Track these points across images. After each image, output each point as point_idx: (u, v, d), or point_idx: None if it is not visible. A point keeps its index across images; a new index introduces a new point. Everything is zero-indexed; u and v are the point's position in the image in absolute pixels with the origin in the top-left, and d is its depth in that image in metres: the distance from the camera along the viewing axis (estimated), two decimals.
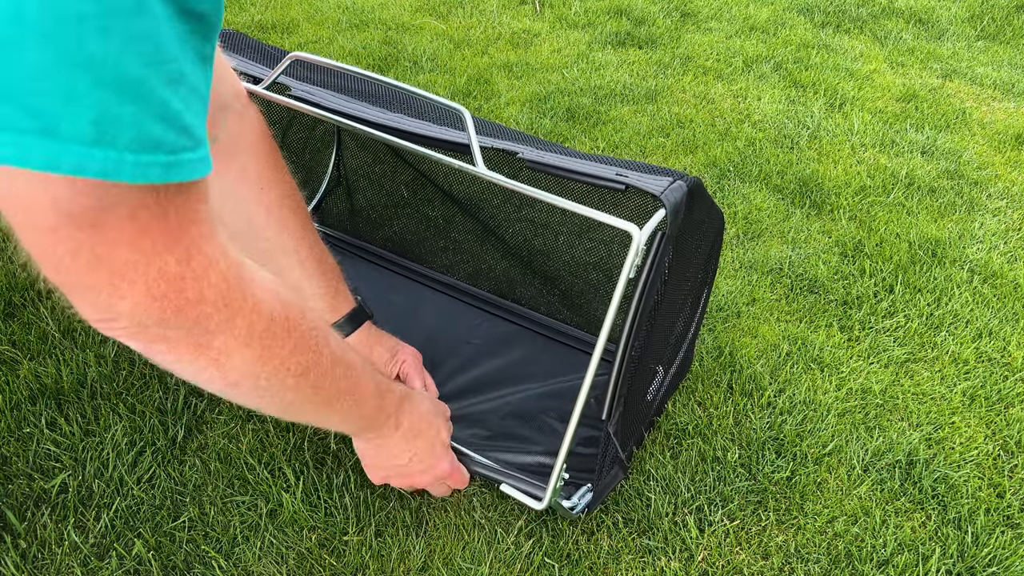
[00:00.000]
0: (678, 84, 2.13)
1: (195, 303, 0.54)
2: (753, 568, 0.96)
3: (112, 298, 0.50)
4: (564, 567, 0.94)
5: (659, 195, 0.79)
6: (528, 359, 1.19)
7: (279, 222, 0.92)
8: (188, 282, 0.52)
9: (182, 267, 0.52)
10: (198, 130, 0.46)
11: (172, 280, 0.52)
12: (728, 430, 1.11)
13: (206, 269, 0.53)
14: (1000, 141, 1.93)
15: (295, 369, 0.65)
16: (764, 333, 1.29)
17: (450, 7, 2.55)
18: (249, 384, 0.62)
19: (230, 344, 0.58)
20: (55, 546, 0.93)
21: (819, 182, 1.70)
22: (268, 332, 0.60)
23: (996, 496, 1.06)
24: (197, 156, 0.46)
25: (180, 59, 0.44)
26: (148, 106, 0.42)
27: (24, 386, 1.10)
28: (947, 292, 1.40)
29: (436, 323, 1.25)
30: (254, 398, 0.65)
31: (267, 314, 0.60)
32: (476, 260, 1.29)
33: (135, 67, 0.40)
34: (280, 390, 0.65)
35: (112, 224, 0.47)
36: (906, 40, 2.48)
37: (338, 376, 0.71)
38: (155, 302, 0.52)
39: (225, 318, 0.56)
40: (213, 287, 0.54)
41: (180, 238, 0.51)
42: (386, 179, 1.33)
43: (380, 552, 0.95)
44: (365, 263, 1.36)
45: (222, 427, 1.08)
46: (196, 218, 0.52)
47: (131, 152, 0.42)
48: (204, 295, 0.54)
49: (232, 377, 0.61)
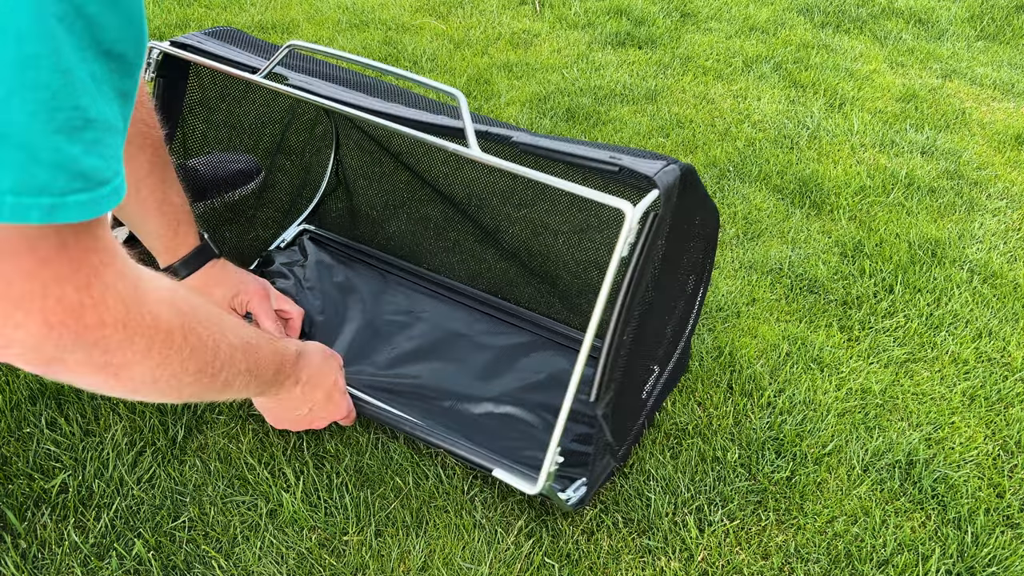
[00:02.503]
0: (678, 84, 2.13)
1: (94, 328, 0.54)
2: (753, 568, 0.96)
3: (6, 327, 0.51)
4: (564, 567, 0.94)
5: (652, 176, 0.80)
6: (526, 358, 1.20)
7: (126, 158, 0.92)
8: (87, 309, 0.53)
9: (81, 295, 0.52)
10: (102, 171, 0.47)
11: (71, 308, 0.52)
12: (728, 430, 1.11)
13: (104, 295, 0.54)
14: (1000, 141, 1.93)
15: (193, 368, 0.67)
16: (764, 333, 1.29)
17: (450, 7, 2.55)
18: (148, 388, 0.65)
19: (129, 359, 0.59)
20: (55, 546, 0.93)
21: (819, 182, 1.70)
22: (166, 343, 0.62)
23: (996, 496, 1.06)
24: (91, 196, 0.47)
25: (88, 102, 0.45)
26: (33, 153, 0.43)
27: (24, 386, 1.11)
28: (947, 292, 1.40)
29: (437, 323, 1.25)
30: (153, 397, 0.68)
31: (164, 327, 0.62)
32: (475, 261, 1.29)
33: (20, 117, 0.42)
34: (179, 387, 0.68)
35: (8, 257, 0.48)
36: (906, 40, 2.48)
37: (236, 360, 0.74)
38: (52, 330, 0.52)
39: (124, 338, 0.57)
40: (112, 311, 0.55)
41: (79, 267, 0.52)
42: (385, 180, 1.33)
43: (380, 552, 0.95)
44: (364, 265, 1.36)
45: (222, 427, 1.08)
46: (95, 246, 0.53)
47: (12, 195, 0.43)
48: (103, 319, 0.55)
49: (132, 386, 0.63)
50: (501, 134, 0.89)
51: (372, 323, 1.24)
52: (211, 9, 2.46)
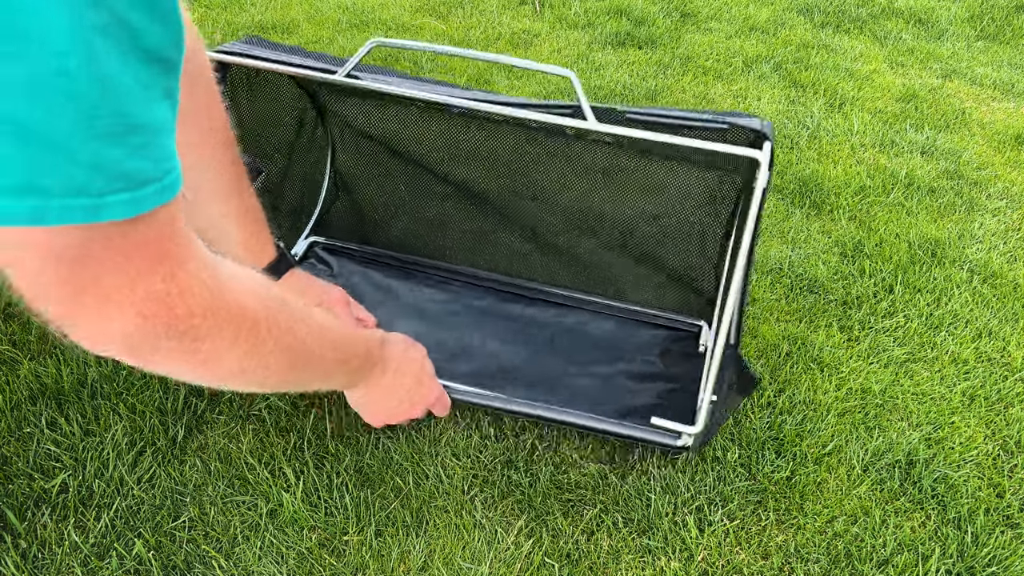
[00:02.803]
0: (678, 84, 2.13)
1: (184, 317, 0.58)
2: (753, 568, 0.96)
3: (102, 321, 0.54)
4: (564, 567, 0.94)
5: (760, 129, 0.91)
6: (582, 330, 1.25)
7: (219, 165, 0.93)
8: (175, 298, 0.56)
9: (167, 285, 0.55)
10: (147, 171, 0.50)
11: (160, 299, 0.55)
12: (728, 430, 1.11)
13: (190, 283, 0.57)
14: (1000, 141, 1.93)
15: (280, 357, 0.69)
16: (764, 333, 1.29)
17: (450, 7, 2.55)
18: (238, 378, 0.68)
19: (219, 347, 0.62)
20: (55, 546, 0.93)
21: (819, 182, 1.70)
22: (252, 331, 0.65)
23: (996, 496, 1.06)
24: (133, 196, 0.50)
25: (132, 108, 0.48)
26: (72, 158, 0.46)
27: (24, 386, 1.11)
28: (947, 292, 1.40)
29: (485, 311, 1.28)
30: (243, 386, 0.71)
31: (250, 315, 0.64)
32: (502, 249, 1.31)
33: (62, 125, 0.45)
34: (266, 376, 0.70)
35: (93, 256, 0.51)
36: (906, 40, 2.48)
37: (323, 348, 0.76)
38: (146, 320, 0.55)
39: (212, 325, 0.60)
40: (198, 299, 0.58)
41: (162, 259, 0.55)
42: (393, 179, 1.32)
43: (380, 552, 0.95)
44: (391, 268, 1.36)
45: (222, 427, 1.08)
46: (174, 238, 0.56)
47: (58, 198, 0.46)
48: (192, 308, 0.58)
49: (222, 374, 0.66)
50: (606, 107, 0.97)
51: (426, 322, 1.25)
52: (211, 9, 2.46)
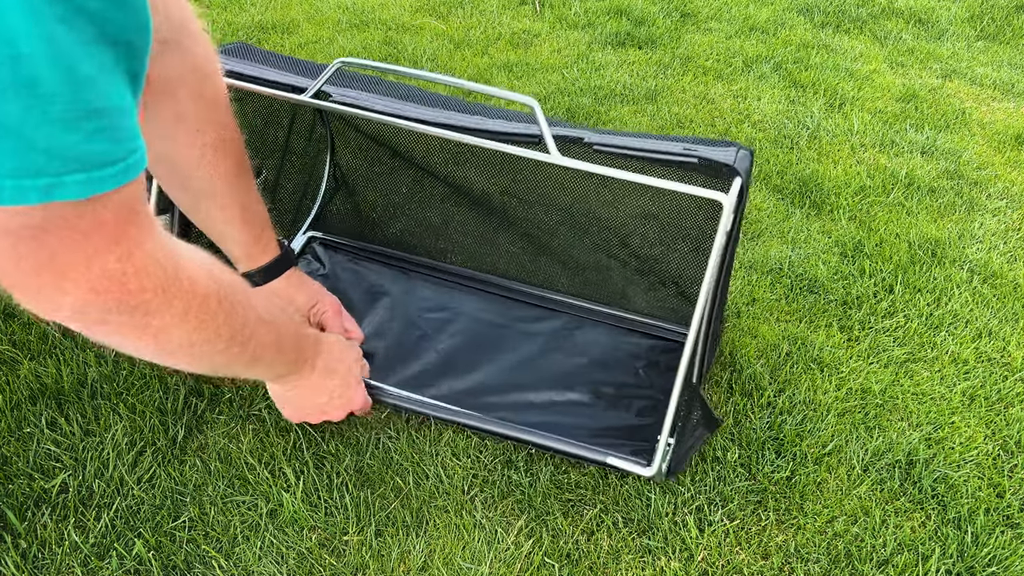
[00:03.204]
0: (678, 84, 2.13)
1: (136, 293, 0.60)
2: (753, 568, 0.96)
3: (55, 294, 0.57)
4: (564, 567, 0.94)
5: (733, 164, 0.85)
6: (569, 340, 1.23)
7: (211, 165, 0.93)
8: (129, 276, 0.59)
9: (123, 264, 0.58)
10: (108, 153, 0.52)
11: (114, 276, 0.58)
12: (728, 430, 1.11)
13: (145, 263, 0.60)
14: (1000, 141, 1.93)
15: (225, 335, 0.72)
16: (764, 333, 1.29)
17: (450, 7, 2.55)
18: (184, 352, 0.70)
19: (168, 322, 0.65)
20: (55, 546, 0.93)
21: (819, 182, 1.70)
22: (202, 308, 0.68)
23: (996, 496, 1.06)
24: (89, 176, 0.52)
25: (92, 94, 0.50)
26: (29, 142, 0.48)
27: (24, 386, 1.11)
28: (947, 292, 1.40)
29: (474, 316, 1.26)
30: (186, 362, 0.73)
31: (201, 292, 0.67)
32: (496, 249, 1.30)
33: (15, 110, 0.46)
34: (212, 354, 0.73)
35: (50, 235, 0.53)
36: (906, 40, 2.48)
37: (262, 333, 0.79)
38: (98, 296, 0.58)
39: (163, 301, 0.63)
40: (152, 277, 0.61)
41: (119, 238, 0.57)
42: (391, 178, 1.32)
43: (380, 552, 0.95)
44: (384, 266, 1.36)
45: (222, 427, 1.08)
46: (134, 220, 0.58)
47: (11, 179, 0.48)
48: (144, 285, 0.60)
49: (169, 348, 0.68)
50: (573, 135, 0.92)
51: (411, 324, 1.25)
52: (211, 9, 2.46)
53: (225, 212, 0.98)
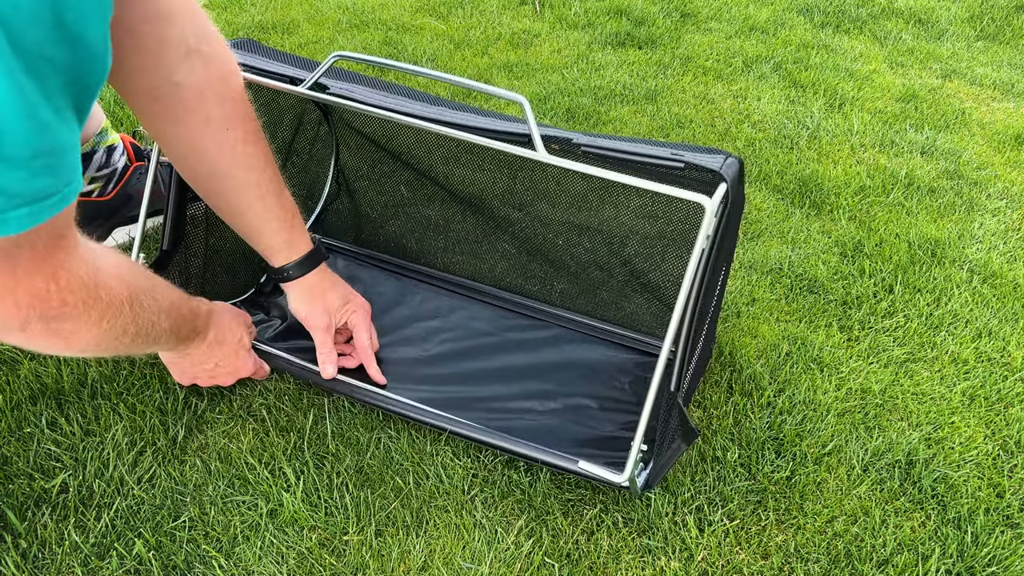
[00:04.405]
0: (678, 84, 2.13)
1: (57, 307, 0.65)
2: (753, 568, 0.96)
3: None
4: (564, 567, 0.94)
5: (719, 170, 0.84)
6: (557, 351, 1.22)
7: (245, 159, 0.96)
8: (52, 294, 0.63)
9: (48, 284, 0.62)
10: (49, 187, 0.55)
11: (38, 295, 0.62)
12: (728, 430, 1.11)
13: (68, 281, 0.64)
14: (1000, 141, 1.93)
15: (131, 331, 0.77)
16: (764, 333, 1.29)
17: (450, 7, 2.55)
18: (91, 349, 0.75)
19: (81, 327, 0.69)
20: (55, 546, 0.94)
21: (819, 182, 1.70)
22: (115, 313, 0.73)
23: (996, 496, 1.06)
24: (32, 210, 0.54)
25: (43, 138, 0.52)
26: None
27: (24, 386, 1.11)
28: (947, 292, 1.41)
29: (463, 324, 1.26)
30: (91, 354, 0.80)
31: (116, 301, 0.72)
32: (491, 258, 1.30)
33: None
34: (116, 347, 0.78)
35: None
36: (906, 40, 2.48)
37: (163, 321, 0.84)
38: (20, 311, 0.62)
39: (81, 312, 0.68)
40: (74, 293, 0.66)
41: (47, 260, 0.61)
42: (390, 182, 1.32)
43: (380, 552, 0.95)
44: (378, 270, 1.36)
45: (222, 427, 1.08)
46: (61, 243, 0.62)
47: None
48: (66, 300, 0.65)
49: (79, 347, 0.73)
50: (562, 136, 0.91)
51: (401, 329, 1.25)
52: (211, 9, 2.46)
53: (266, 202, 0.99)
